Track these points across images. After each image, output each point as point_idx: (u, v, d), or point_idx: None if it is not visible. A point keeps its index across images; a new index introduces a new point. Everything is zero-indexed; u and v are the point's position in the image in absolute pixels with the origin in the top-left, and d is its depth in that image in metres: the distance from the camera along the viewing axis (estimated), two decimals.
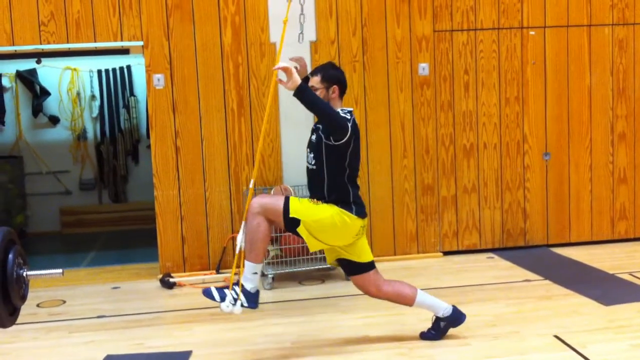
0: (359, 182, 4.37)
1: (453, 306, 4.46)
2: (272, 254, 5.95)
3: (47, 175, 9.19)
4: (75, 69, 9.13)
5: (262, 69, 6.44)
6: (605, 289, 5.48)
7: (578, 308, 5.04)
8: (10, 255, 2.99)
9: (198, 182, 6.42)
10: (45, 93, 9.04)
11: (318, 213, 4.14)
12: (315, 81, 4.28)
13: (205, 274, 6.31)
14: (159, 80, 6.32)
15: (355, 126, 4.20)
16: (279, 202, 4.14)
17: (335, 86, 4.28)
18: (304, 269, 6.01)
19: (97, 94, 9.23)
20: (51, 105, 9.15)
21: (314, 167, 4.27)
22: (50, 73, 9.05)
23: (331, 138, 4.13)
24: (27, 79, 8.99)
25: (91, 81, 9.21)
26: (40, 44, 6.25)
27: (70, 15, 6.17)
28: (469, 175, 6.80)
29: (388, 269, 6.28)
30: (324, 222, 4.13)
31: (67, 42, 6.26)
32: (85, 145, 9.30)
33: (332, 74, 4.31)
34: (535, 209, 6.91)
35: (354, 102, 6.54)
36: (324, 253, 5.94)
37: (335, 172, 4.19)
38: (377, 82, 6.57)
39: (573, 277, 5.86)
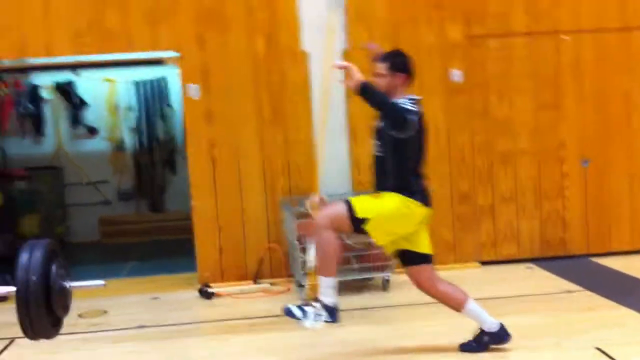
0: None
1: (500, 323, 4.39)
2: (308, 265, 5.94)
3: (86, 185, 9.32)
4: (112, 81, 9.25)
5: (295, 77, 6.45)
6: None
7: (620, 320, 4.94)
8: (53, 267, 3.03)
9: (234, 192, 6.44)
10: (84, 104, 9.19)
11: (382, 205, 4.16)
12: (382, 68, 4.28)
13: (243, 284, 6.33)
14: (193, 90, 6.37)
15: (421, 117, 4.18)
16: (342, 209, 4.15)
17: (401, 73, 4.28)
18: (340, 279, 5.98)
19: (134, 104, 9.34)
20: (90, 116, 9.28)
21: (380, 154, 4.27)
22: (88, 85, 9.19)
23: (394, 132, 4.12)
24: (65, 90, 9.14)
25: (128, 92, 9.33)
26: (77, 54, 6.34)
27: (106, 26, 6.24)
28: (506, 184, 6.72)
29: None
30: (389, 213, 4.15)
31: (103, 53, 6.35)
32: (124, 155, 9.41)
33: (400, 62, 4.32)
34: (574, 217, 6.79)
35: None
36: (362, 262, 5.96)
37: (401, 161, 4.19)
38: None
39: (615, 287, 5.76)
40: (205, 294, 6.09)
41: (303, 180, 6.50)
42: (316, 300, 4.15)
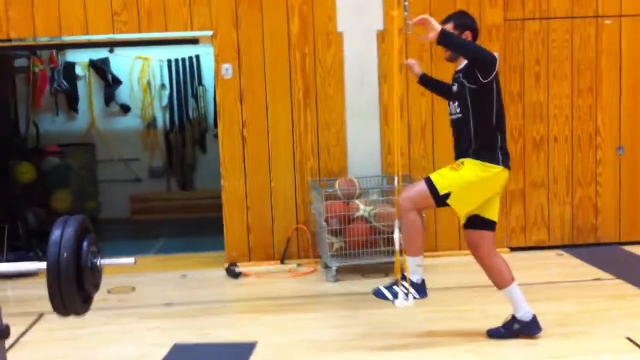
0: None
1: (534, 315, 4.35)
2: (336, 246, 5.94)
3: (118, 162, 9.41)
4: (146, 59, 9.30)
5: (329, 58, 6.42)
6: None
7: None
8: (85, 244, 3.04)
9: (264, 172, 6.46)
10: (117, 82, 9.26)
11: (462, 177, 4.15)
12: (448, 28, 4.26)
13: (270, 264, 6.36)
14: (227, 70, 6.38)
15: (497, 65, 4.17)
16: (423, 188, 4.17)
17: (467, 32, 4.29)
18: (368, 261, 5.99)
19: (166, 83, 9.39)
20: (122, 93, 9.35)
21: (460, 115, 4.26)
22: (122, 62, 9.25)
23: (479, 76, 4.09)
24: (100, 67, 9.21)
25: (161, 70, 9.37)
26: (114, 33, 6.38)
27: (142, 5, 6.27)
28: (538, 169, 6.63)
29: (453, 263, 6.22)
30: (470, 183, 4.15)
31: (139, 32, 6.37)
32: (155, 133, 9.48)
33: (464, 21, 4.35)
34: (607, 205, 6.69)
35: (420, 92, 6.45)
36: (387, 245, 5.94)
37: (482, 116, 4.18)
38: (446, 72, 6.42)
39: None
40: (232, 273, 6.12)
41: (333, 161, 6.50)
42: (403, 278, 4.19)
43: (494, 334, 4.40)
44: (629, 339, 4.30)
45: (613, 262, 6.15)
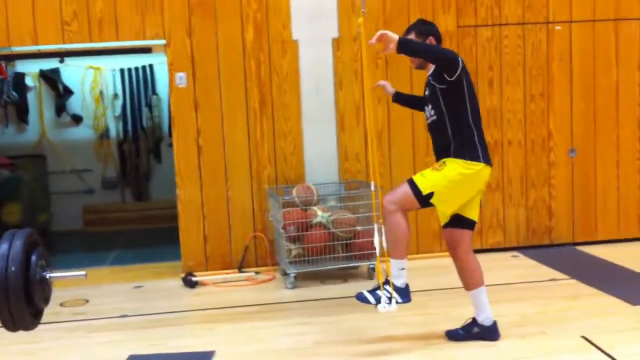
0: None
1: (495, 321, 4.38)
2: (294, 253, 5.91)
3: (70, 173, 9.24)
4: (98, 68, 9.17)
5: (284, 66, 6.41)
6: (633, 288, 5.38)
7: (606, 308, 4.95)
8: (33, 258, 2.97)
9: (220, 181, 6.40)
10: (69, 92, 9.10)
11: (445, 176, 4.15)
12: (411, 37, 4.30)
13: (227, 273, 6.29)
14: (181, 78, 6.31)
15: (463, 62, 4.18)
16: (407, 189, 4.18)
17: (430, 37, 4.34)
18: (326, 268, 5.97)
19: (119, 93, 9.26)
20: (74, 104, 9.20)
21: (435, 117, 4.28)
22: (73, 72, 9.10)
23: (446, 75, 4.12)
24: (51, 78, 9.05)
25: (114, 80, 9.25)
26: (64, 43, 6.27)
27: (93, 14, 6.18)
28: (493, 173, 6.67)
29: (412, 267, 6.19)
30: (453, 182, 4.15)
31: (90, 42, 6.28)
32: (108, 143, 9.34)
33: (426, 28, 4.39)
34: (560, 206, 6.81)
35: (377, 99, 6.49)
36: (346, 251, 5.94)
37: (457, 114, 4.19)
38: (401, 79, 6.48)
39: (600, 276, 5.76)
40: (189, 283, 6.04)
41: (290, 169, 6.48)
42: (386, 283, 4.16)
43: (452, 334, 4.42)
44: (584, 337, 4.35)
45: (567, 262, 6.24)
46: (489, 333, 4.36)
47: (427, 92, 4.35)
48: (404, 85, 6.43)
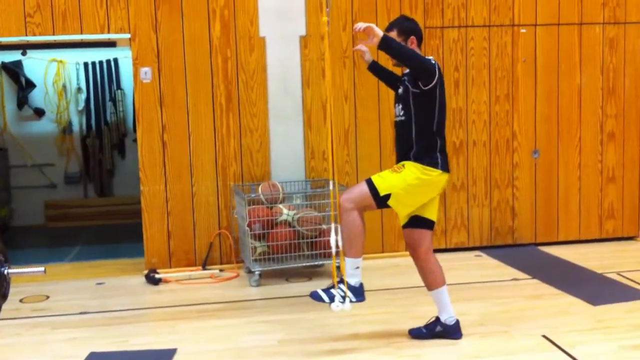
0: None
1: (457, 320, 4.42)
2: (259, 250, 5.89)
3: (32, 168, 9.09)
4: (61, 61, 9.03)
5: (251, 63, 6.37)
6: (594, 288, 5.47)
7: (566, 308, 5.02)
8: None
9: (185, 177, 6.34)
10: (31, 85, 8.95)
11: (403, 180, 4.17)
12: (393, 35, 4.29)
13: (191, 270, 6.24)
14: (146, 73, 6.24)
15: (440, 72, 4.21)
16: (364, 188, 4.19)
17: (412, 37, 4.33)
18: (291, 265, 5.96)
19: (83, 86, 9.13)
20: (37, 97, 9.04)
21: (403, 118, 4.29)
22: (35, 65, 8.95)
23: (420, 83, 4.15)
24: (13, 70, 8.88)
25: (77, 74, 9.12)
26: (26, 35, 6.15)
27: (56, 7, 6.07)
28: (458, 173, 6.77)
29: (376, 266, 6.26)
30: (410, 186, 4.17)
31: (53, 34, 6.17)
32: (71, 138, 9.21)
33: (408, 26, 4.38)
34: (523, 207, 6.89)
35: (343, 97, 6.49)
36: (311, 249, 5.93)
37: (424, 121, 4.21)
38: (367, 78, 6.49)
39: (561, 276, 5.84)
40: (152, 280, 5.98)
41: (256, 166, 6.45)
42: (341, 282, 4.16)
43: (415, 333, 4.45)
44: (545, 337, 4.41)
45: (530, 262, 6.32)
46: (452, 332, 4.40)
47: (400, 91, 4.36)
48: (371, 85, 6.47)
